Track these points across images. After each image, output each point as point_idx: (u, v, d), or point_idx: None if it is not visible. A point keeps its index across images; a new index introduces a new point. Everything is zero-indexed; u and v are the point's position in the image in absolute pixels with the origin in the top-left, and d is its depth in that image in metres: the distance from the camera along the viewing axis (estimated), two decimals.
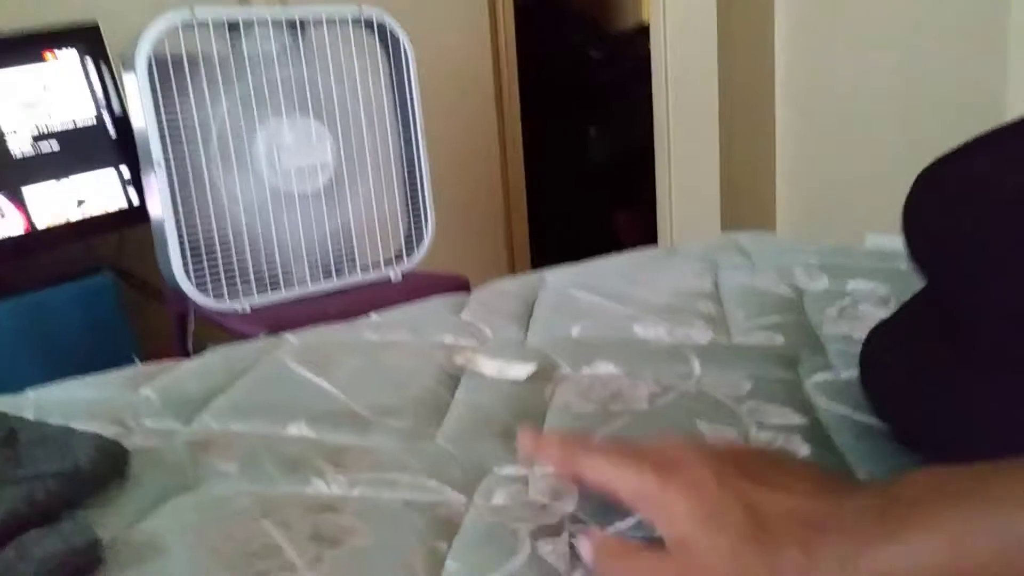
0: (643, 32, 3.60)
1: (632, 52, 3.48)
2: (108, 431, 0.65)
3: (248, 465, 0.58)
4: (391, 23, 1.71)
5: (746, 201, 2.20)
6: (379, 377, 0.72)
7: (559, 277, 0.99)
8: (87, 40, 1.97)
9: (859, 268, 0.92)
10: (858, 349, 0.62)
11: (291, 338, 0.86)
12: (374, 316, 0.90)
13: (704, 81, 2.11)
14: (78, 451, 0.55)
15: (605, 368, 0.72)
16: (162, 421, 0.67)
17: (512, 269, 2.89)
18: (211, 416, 0.67)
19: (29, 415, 0.68)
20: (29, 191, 1.87)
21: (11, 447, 0.56)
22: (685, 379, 0.68)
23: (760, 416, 0.60)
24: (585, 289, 0.91)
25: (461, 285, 1.66)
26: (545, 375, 0.71)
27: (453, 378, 0.72)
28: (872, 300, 0.82)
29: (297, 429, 0.64)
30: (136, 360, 1.78)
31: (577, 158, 3.36)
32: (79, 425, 0.66)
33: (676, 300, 0.85)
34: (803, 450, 0.55)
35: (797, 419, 0.59)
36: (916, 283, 0.56)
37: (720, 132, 2.11)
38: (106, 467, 0.55)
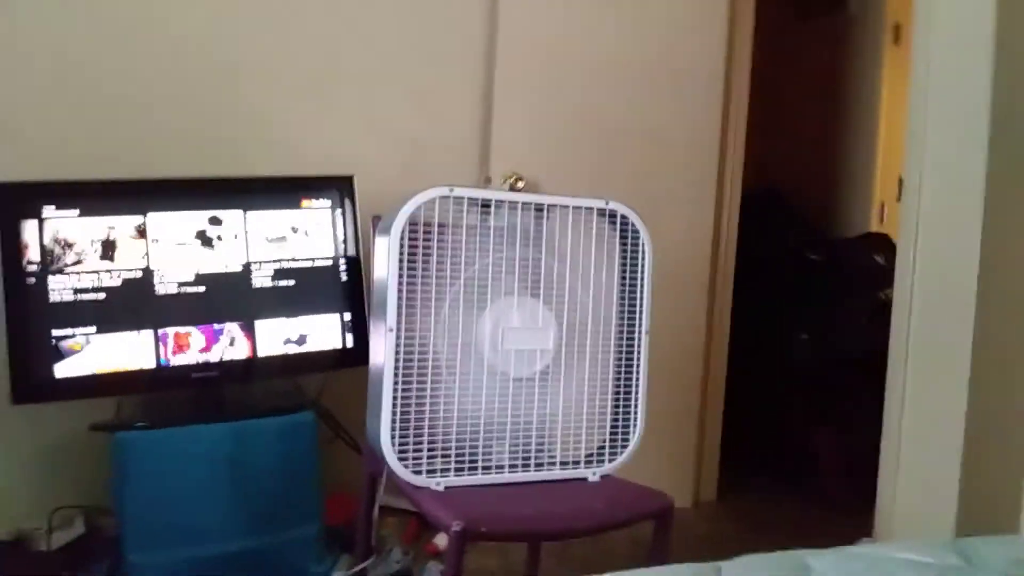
0: (868, 241, 3.45)
1: (854, 260, 3.32)
2: None
3: None
4: (635, 219, 1.69)
5: (993, 467, 1.93)
6: None
7: (827, 569, 0.84)
8: (341, 190, 2.10)
9: None
10: None
11: None
12: None
13: (959, 312, 1.91)
14: None
15: None
16: None
17: (698, 478, 2.70)
18: None
19: None
20: (261, 323, 1.96)
21: None
22: None
23: None
24: None
25: (664, 507, 1.52)
26: None
27: None
28: None
29: None
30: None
31: (780, 361, 3.18)
32: None
33: None
34: None
35: None
36: None
37: (971, 376, 1.89)
38: None
